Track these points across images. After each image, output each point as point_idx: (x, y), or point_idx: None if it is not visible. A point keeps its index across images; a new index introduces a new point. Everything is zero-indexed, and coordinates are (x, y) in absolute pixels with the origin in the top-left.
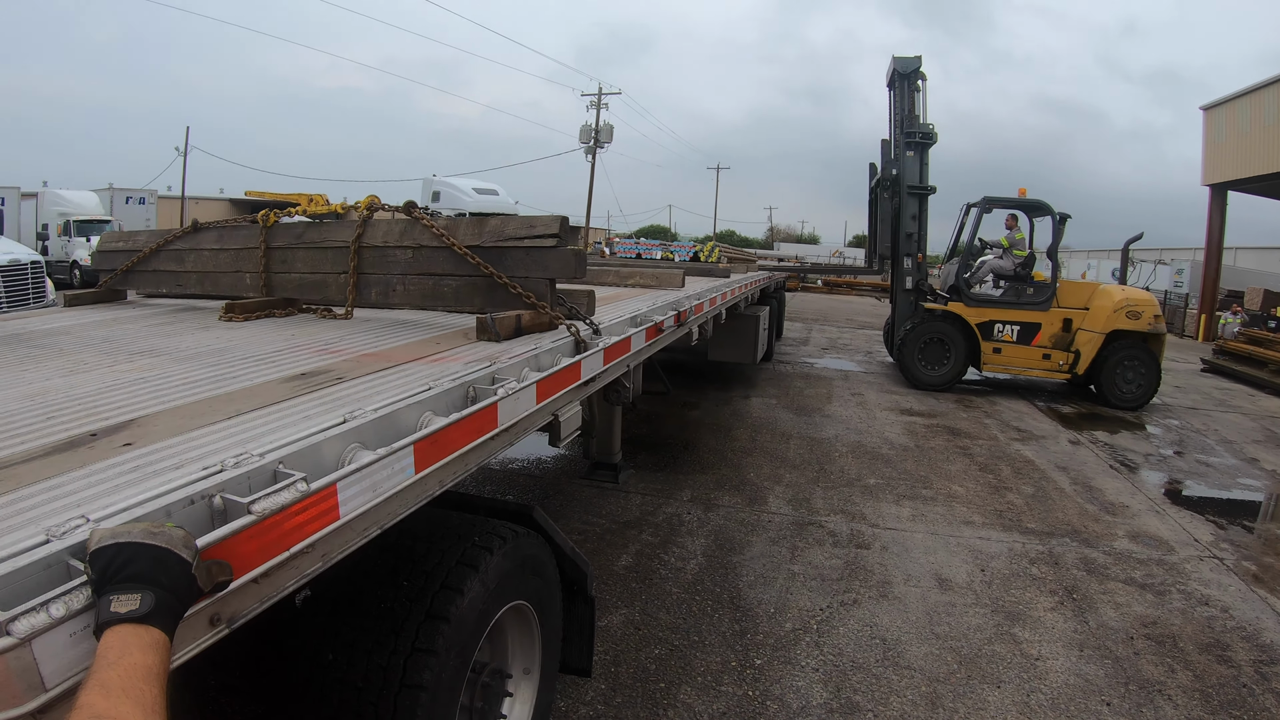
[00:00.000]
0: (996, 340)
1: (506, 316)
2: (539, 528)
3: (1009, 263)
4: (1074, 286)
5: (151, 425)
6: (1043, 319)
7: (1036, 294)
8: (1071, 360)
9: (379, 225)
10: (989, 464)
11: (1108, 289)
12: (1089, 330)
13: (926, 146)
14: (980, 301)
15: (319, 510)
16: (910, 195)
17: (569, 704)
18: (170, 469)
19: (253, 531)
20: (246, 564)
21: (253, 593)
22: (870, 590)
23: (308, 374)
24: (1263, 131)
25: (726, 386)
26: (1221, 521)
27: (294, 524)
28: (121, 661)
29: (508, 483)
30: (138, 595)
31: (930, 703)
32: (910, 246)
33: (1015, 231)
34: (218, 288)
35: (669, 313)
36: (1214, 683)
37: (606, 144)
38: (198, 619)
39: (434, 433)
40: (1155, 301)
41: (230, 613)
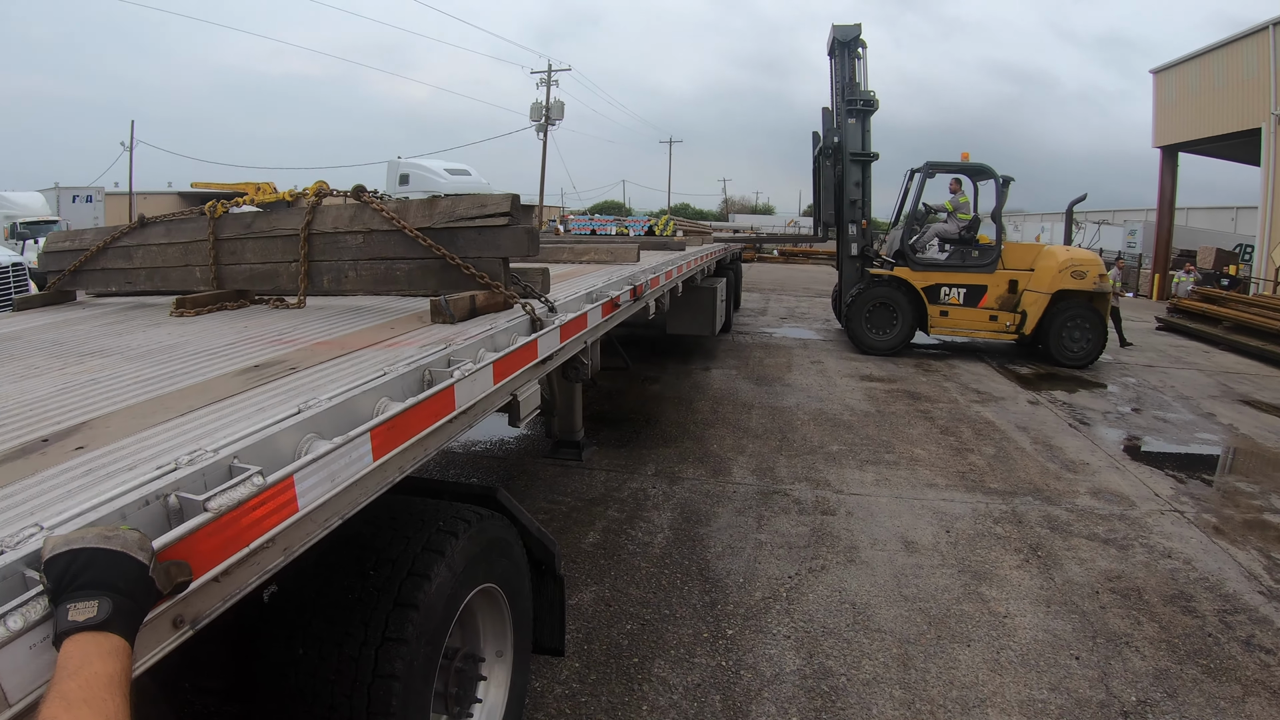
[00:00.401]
0: (943, 303)
1: (460, 298)
2: (504, 509)
3: (954, 226)
4: (1019, 248)
5: (104, 427)
6: (989, 281)
7: (982, 256)
8: (1018, 321)
9: (328, 211)
10: (950, 426)
11: (1052, 250)
12: (1034, 291)
13: (868, 113)
14: (926, 265)
15: (277, 504)
16: (853, 162)
17: (544, 684)
18: (124, 470)
19: (210, 529)
20: (206, 563)
21: (215, 592)
22: (837, 556)
23: (261, 366)
24: (1213, 94)
25: (686, 359)
26: (1181, 475)
27: (252, 519)
28: (82, 671)
29: (472, 465)
30: (95, 602)
31: (902, 664)
32: (855, 213)
33: (959, 195)
34: (168, 283)
35: (625, 288)
36: (1180, 633)
37: (558, 121)
38: (160, 622)
39: (391, 418)
40: (1100, 261)
41: (194, 613)
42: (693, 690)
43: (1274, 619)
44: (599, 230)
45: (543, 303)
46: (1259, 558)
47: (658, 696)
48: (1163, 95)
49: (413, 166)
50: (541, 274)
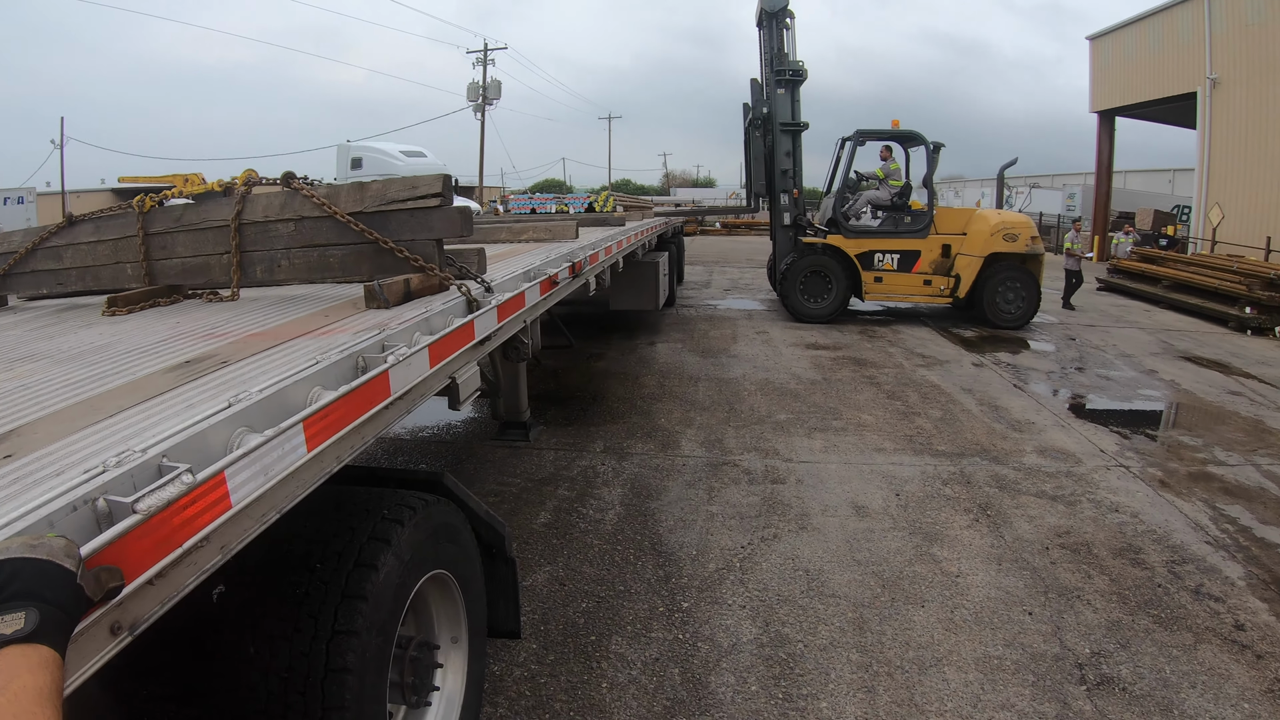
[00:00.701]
0: (877, 269)
1: (394, 282)
2: (451, 494)
3: (885, 193)
4: (951, 213)
5: (32, 434)
6: (922, 246)
7: (914, 222)
8: (952, 285)
9: (258, 200)
10: (896, 391)
11: (984, 213)
12: (968, 254)
13: (797, 83)
14: (859, 233)
15: (209, 501)
16: (783, 132)
17: (503, 667)
18: (51, 476)
19: (140, 531)
20: (139, 566)
21: (151, 595)
22: (789, 524)
23: (192, 361)
24: (1149, 59)
25: (631, 335)
26: (1125, 432)
27: (183, 518)
28: (10, 686)
29: (420, 452)
30: (21, 614)
31: (858, 628)
32: (786, 183)
33: (890, 162)
34: (99, 282)
35: (563, 265)
36: (1130, 585)
37: (495, 101)
38: (96, 630)
39: (323, 408)
40: (1031, 223)
41: (131, 619)
42: (651, 665)
43: (1221, 568)
44: (539, 209)
45: (479, 283)
46: (1204, 509)
47: (616, 673)
48: (1099, 61)
49: (366, 150)
50: (477, 254)
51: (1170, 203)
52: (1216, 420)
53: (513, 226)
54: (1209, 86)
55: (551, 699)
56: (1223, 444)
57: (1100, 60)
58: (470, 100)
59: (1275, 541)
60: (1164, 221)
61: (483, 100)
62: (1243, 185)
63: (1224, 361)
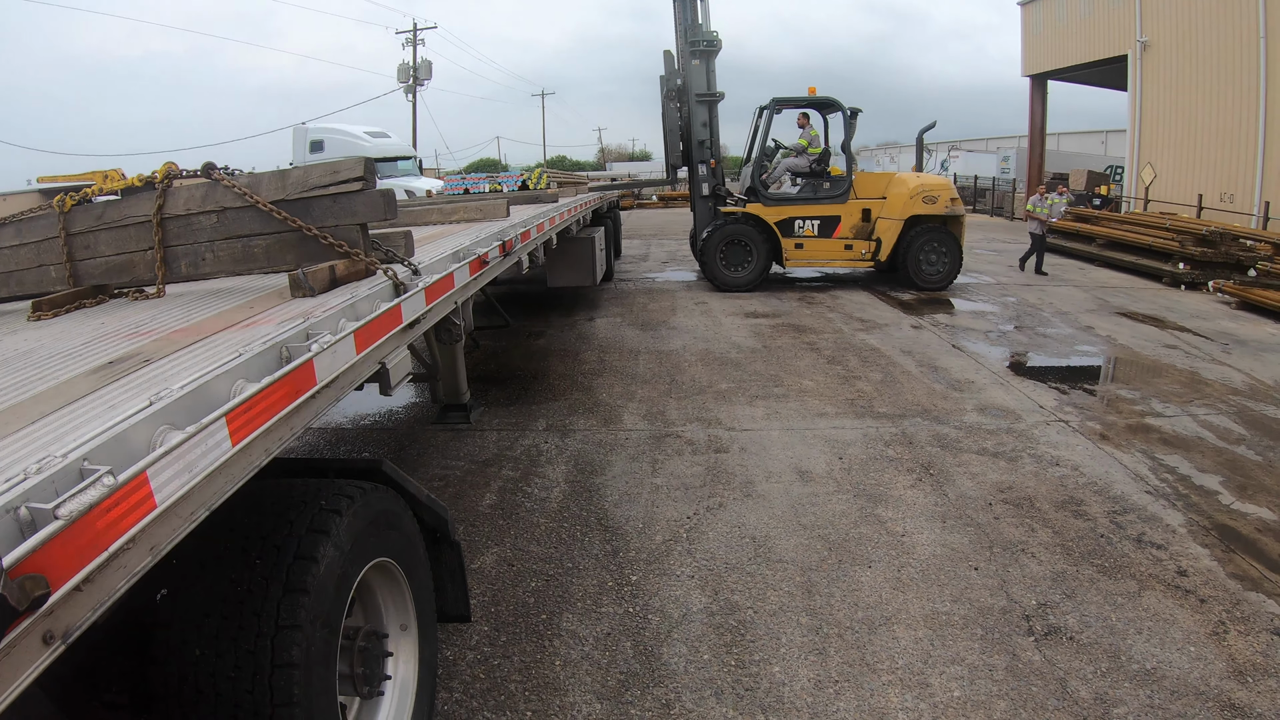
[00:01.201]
0: (798, 236)
1: (319, 269)
2: (390, 480)
3: (804, 160)
4: (870, 177)
5: None
6: (842, 211)
7: (833, 188)
8: (873, 248)
9: (180, 193)
10: (836, 356)
11: (903, 177)
12: (888, 218)
13: (711, 54)
14: (778, 200)
15: (132, 502)
16: (699, 103)
17: (455, 651)
18: None
19: (64, 537)
20: (65, 572)
21: (81, 601)
22: (734, 492)
23: (115, 361)
24: (1079, 23)
25: (570, 311)
26: (1064, 387)
27: (107, 521)
28: None
29: (362, 440)
30: None
31: (806, 591)
32: (703, 154)
33: (808, 129)
34: (23, 286)
35: (493, 244)
36: (1073, 536)
37: (426, 81)
38: (29, 640)
39: (244, 401)
40: (950, 185)
41: (63, 627)
42: (603, 640)
43: (1162, 516)
44: (472, 189)
45: (406, 266)
46: (1144, 459)
47: (569, 650)
48: (1030, 26)
49: (327, 131)
50: (404, 237)
51: (1103, 163)
52: (1153, 373)
53: (444, 208)
54: (1139, 49)
55: (506, 680)
56: (1160, 396)
57: (1032, 25)
58: (401, 82)
59: (1214, 489)
60: (1097, 182)
61: (413, 81)
62: (1173, 145)
63: (1159, 316)
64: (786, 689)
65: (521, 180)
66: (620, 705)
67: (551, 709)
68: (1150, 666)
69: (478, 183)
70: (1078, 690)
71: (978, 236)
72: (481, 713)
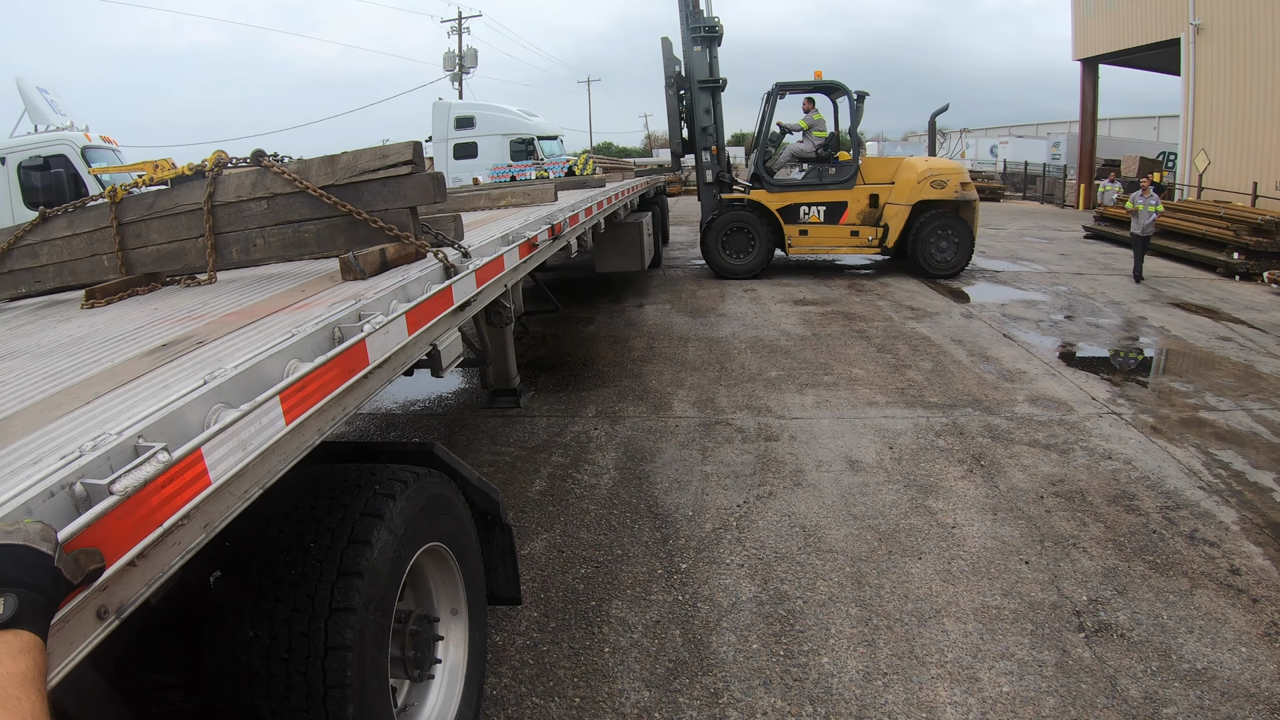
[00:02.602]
0: (803, 222)
1: (370, 253)
2: (442, 464)
3: (809, 145)
4: (878, 162)
5: (10, 426)
6: (848, 197)
7: (839, 173)
8: (880, 235)
9: (230, 180)
10: (886, 344)
11: (912, 161)
12: (895, 203)
13: (713, 40)
14: (782, 186)
15: (187, 479)
16: (701, 90)
17: (504, 637)
18: (29, 465)
19: (119, 512)
20: (119, 547)
21: (136, 577)
22: (784, 481)
23: (169, 344)
24: (1131, 5)
25: (618, 298)
26: (1116, 379)
27: (162, 497)
28: None
29: (412, 425)
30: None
31: (856, 582)
32: (706, 140)
33: (813, 114)
34: (76, 276)
35: (542, 228)
36: (1125, 531)
37: (472, 69)
38: (83, 614)
39: (298, 380)
40: (962, 169)
41: (118, 602)
42: (652, 627)
43: (1215, 513)
44: (519, 176)
45: (456, 249)
46: (1197, 454)
47: (618, 637)
48: (1080, 9)
49: (479, 107)
50: (454, 220)
51: (1156, 150)
52: (1207, 366)
53: (491, 194)
54: (1192, 32)
55: (555, 666)
56: (1214, 389)
57: (1082, 8)
58: (447, 70)
59: (1268, 486)
60: (1150, 169)
61: (459, 69)
62: (1228, 131)
63: (1213, 307)
64: (835, 680)
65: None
66: (668, 693)
67: (600, 695)
68: (1201, 666)
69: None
70: (1127, 689)
71: (1027, 224)
72: (530, 698)
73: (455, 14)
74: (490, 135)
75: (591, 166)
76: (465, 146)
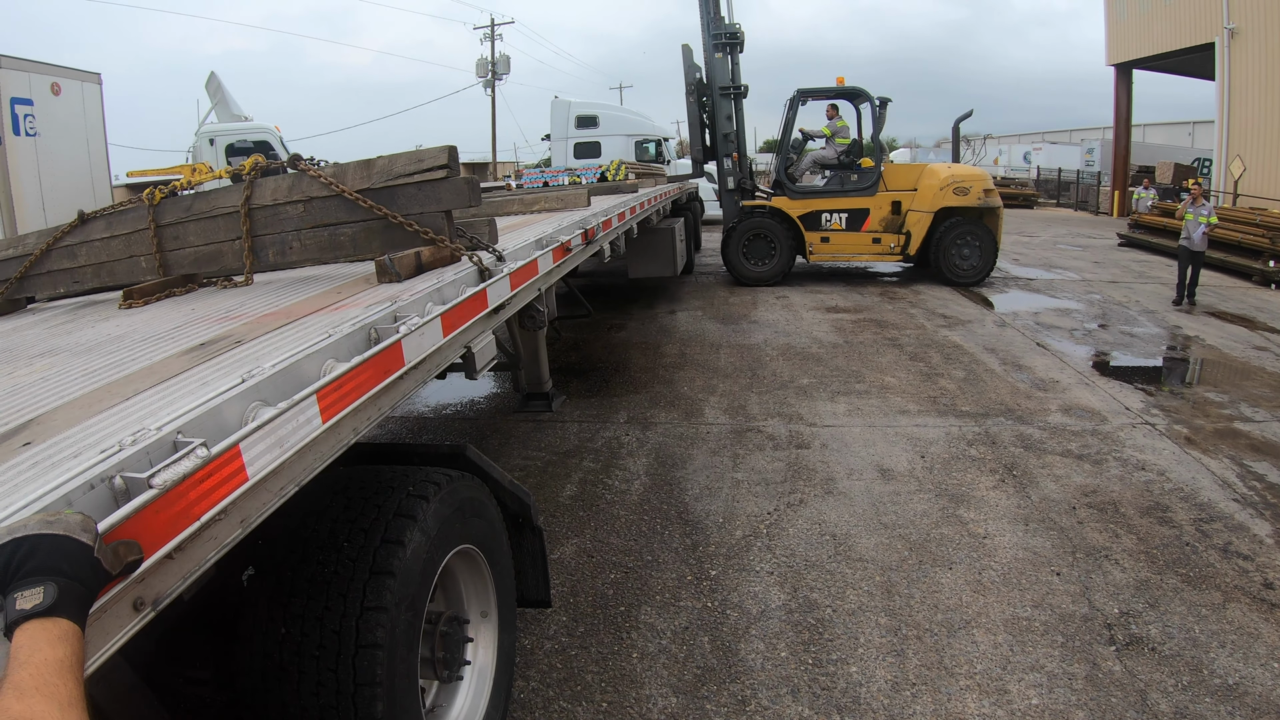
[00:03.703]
0: (824, 230)
1: (406, 255)
2: (475, 467)
3: (832, 152)
4: (901, 169)
5: (51, 421)
6: (870, 204)
7: (861, 180)
8: (902, 242)
9: (266, 184)
10: (919, 352)
11: (934, 168)
12: (918, 210)
13: (734, 46)
14: (804, 193)
15: (225, 474)
16: (723, 97)
17: (533, 640)
18: (69, 458)
19: (157, 505)
20: (157, 540)
21: (172, 570)
22: (815, 489)
23: (207, 343)
24: (1164, 10)
25: (651, 304)
26: (1150, 389)
27: (200, 491)
28: (33, 659)
29: (444, 428)
30: (40, 588)
31: (885, 591)
32: (728, 147)
33: (837, 120)
34: (114, 277)
35: (575, 232)
36: (1158, 544)
37: (505, 76)
38: (120, 606)
39: (335, 379)
40: (985, 176)
41: (154, 594)
42: (681, 634)
43: (1250, 526)
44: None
45: (490, 252)
46: (1231, 466)
47: (646, 643)
48: (1114, 14)
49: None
50: (488, 224)
51: (1190, 156)
52: (1242, 376)
53: (524, 199)
54: (1227, 37)
55: (583, 670)
56: (1249, 400)
57: (1115, 12)
58: (480, 76)
59: None
60: (1185, 175)
61: (492, 76)
62: (1264, 137)
63: (1248, 316)
64: (863, 690)
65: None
66: (696, 700)
67: (627, 701)
68: (1233, 682)
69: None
70: (1158, 703)
71: (1061, 231)
72: (557, 702)
73: (488, 21)
74: (614, 135)
75: (624, 172)
76: (587, 146)
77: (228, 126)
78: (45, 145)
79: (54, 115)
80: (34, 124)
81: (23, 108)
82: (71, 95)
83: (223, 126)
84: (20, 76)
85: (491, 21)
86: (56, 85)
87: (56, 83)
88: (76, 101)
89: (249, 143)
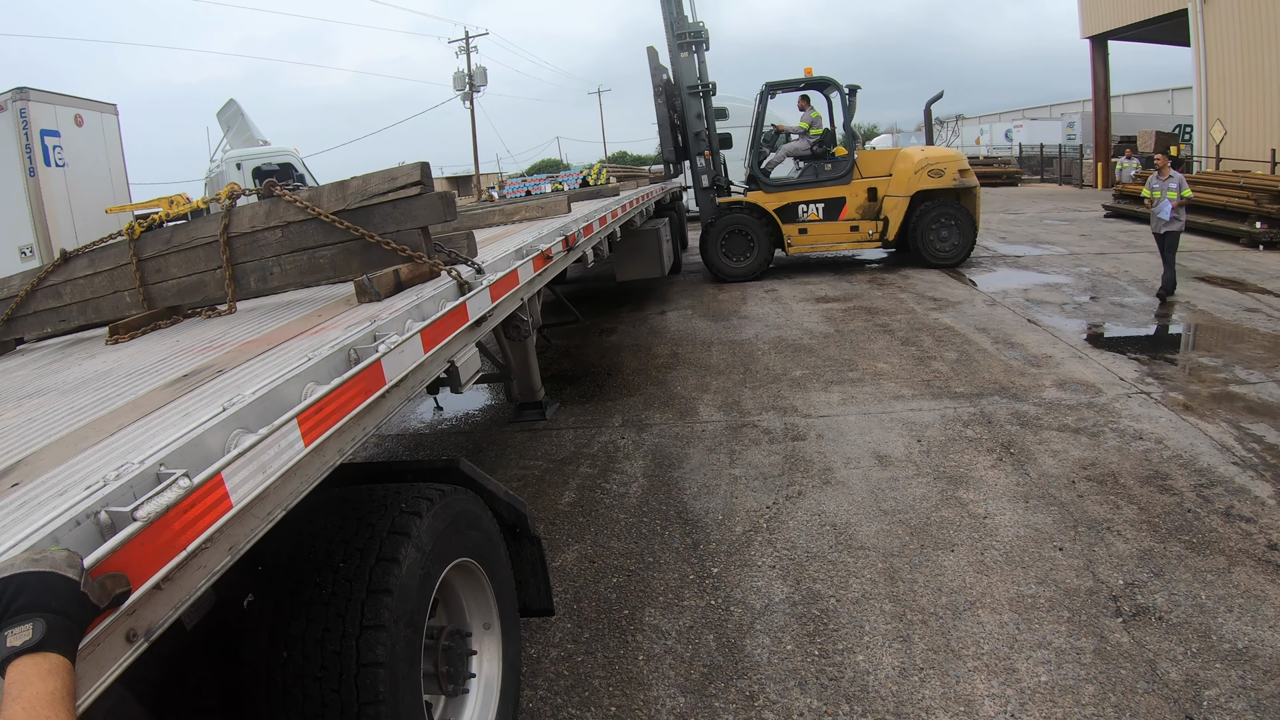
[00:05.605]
0: (802, 221)
1: (384, 274)
2: (468, 480)
3: (805, 143)
4: (875, 155)
5: (38, 461)
6: (846, 192)
7: (835, 169)
8: (881, 228)
9: (244, 211)
10: (910, 337)
11: (908, 152)
12: (894, 195)
13: (699, 45)
14: (779, 186)
15: (208, 503)
16: (691, 96)
17: (539, 649)
18: (55, 496)
19: (143, 538)
20: (145, 571)
21: (162, 600)
22: (812, 480)
23: (190, 374)
24: None
25: (640, 305)
26: (1144, 358)
27: (184, 521)
28: (24, 694)
29: (440, 443)
30: (29, 625)
31: (888, 578)
32: (700, 145)
33: (810, 112)
34: (100, 313)
35: (556, 239)
36: (1159, 512)
37: (482, 87)
38: (113, 638)
39: (316, 402)
40: (960, 157)
41: (146, 625)
42: (686, 633)
43: (1251, 488)
44: (534, 190)
45: (470, 265)
46: (1229, 429)
47: (652, 645)
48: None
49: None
50: (466, 238)
51: (1171, 123)
52: (1235, 339)
53: (505, 209)
54: (1199, 2)
55: (589, 676)
56: (1243, 362)
57: None
58: (457, 89)
59: None
60: (1166, 142)
61: (469, 88)
62: (1243, 100)
63: (1238, 279)
64: (871, 678)
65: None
66: (704, 698)
67: (635, 704)
68: (1242, 646)
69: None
70: (1168, 672)
71: (1047, 206)
72: (566, 709)
73: (463, 34)
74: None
75: (605, 176)
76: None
77: (252, 151)
78: (73, 175)
79: (79, 146)
80: (62, 155)
81: (51, 139)
82: (93, 126)
83: (248, 151)
84: (47, 109)
85: (466, 34)
86: (79, 117)
87: (79, 114)
88: (97, 132)
89: (275, 164)
